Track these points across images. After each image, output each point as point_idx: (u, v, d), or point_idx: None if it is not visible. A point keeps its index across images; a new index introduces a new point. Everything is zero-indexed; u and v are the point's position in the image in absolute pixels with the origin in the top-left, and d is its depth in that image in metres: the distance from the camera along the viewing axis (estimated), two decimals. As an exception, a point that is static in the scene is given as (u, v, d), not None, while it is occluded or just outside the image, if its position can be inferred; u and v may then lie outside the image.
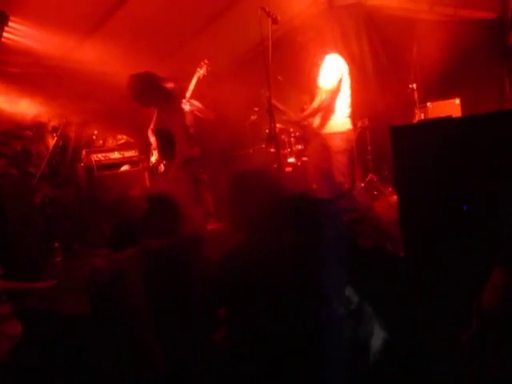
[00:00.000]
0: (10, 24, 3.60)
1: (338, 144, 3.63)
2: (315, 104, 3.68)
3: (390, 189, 4.83)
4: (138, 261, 2.12)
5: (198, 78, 4.52)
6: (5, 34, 3.55)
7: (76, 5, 4.07)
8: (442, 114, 4.03)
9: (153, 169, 4.34)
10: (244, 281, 1.65)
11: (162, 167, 4.25)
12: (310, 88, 3.92)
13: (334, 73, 3.61)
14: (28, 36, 3.98)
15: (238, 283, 1.67)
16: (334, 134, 3.66)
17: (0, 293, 2.67)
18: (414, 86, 4.66)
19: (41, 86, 4.72)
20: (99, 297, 2.18)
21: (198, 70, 4.55)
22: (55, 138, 4.71)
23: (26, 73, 4.72)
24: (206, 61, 4.57)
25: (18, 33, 3.91)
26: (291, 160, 5.17)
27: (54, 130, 4.79)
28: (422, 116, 4.59)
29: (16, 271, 3.13)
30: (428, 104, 4.65)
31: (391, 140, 2.28)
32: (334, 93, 3.62)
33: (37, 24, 3.99)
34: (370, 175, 5.03)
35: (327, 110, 3.66)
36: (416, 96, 4.65)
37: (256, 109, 5.25)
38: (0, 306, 2.68)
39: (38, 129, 4.82)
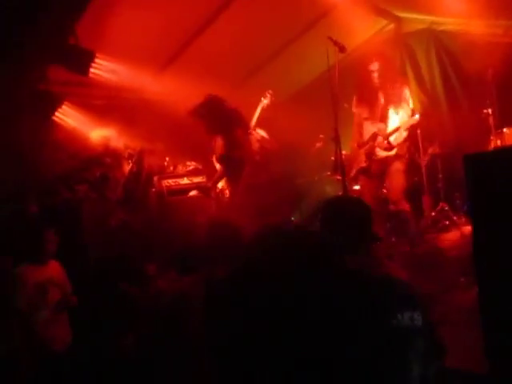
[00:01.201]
0: (96, 60, 3.94)
1: (397, 165, 3.97)
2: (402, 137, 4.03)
3: (463, 219, 4.58)
4: (198, 288, 2.16)
5: (262, 108, 4.70)
6: (91, 70, 3.89)
7: (153, 41, 4.39)
8: (521, 141, 3.83)
9: (219, 195, 4.47)
10: None
11: (227, 193, 4.37)
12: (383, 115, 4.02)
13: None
14: (111, 71, 4.33)
15: None
16: (395, 155, 3.99)
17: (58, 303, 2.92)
18: (490, 111, 4.43)
19: (119, 117, 5.09)
20: (159, 318, 2.25)
21: (263, 99, 4.74)
22: (130, 165, 5.01)
23: (108, 104, 5.12)
24: (270, 91, 4.76)
25: (103, 68, 4.26)
26: (357, 188, 5.09)
27: (130, 157, 5.09)
28: (499, 142, 4.34)
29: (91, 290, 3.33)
30: (505, 130, 4.40)
31: (465, 169, 2.18)
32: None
33: (119, 60, 4.34)
34: (442, 204, 4.80)
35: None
36: (492, 121, 4.42)
37: (321, 136, 5.27)
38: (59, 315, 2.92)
39: (115, 156, 5.16)
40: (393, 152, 4.10)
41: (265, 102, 4.74)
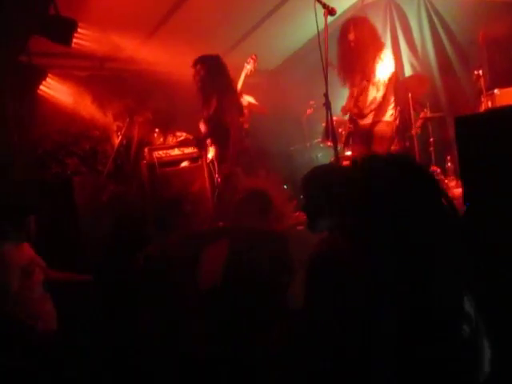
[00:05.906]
0: (79, 30, 3.81)
1: (384, 131, 4.02)
2: (379, 98, 3.98)
3: (455, 182, 4.61)
4: (182, 249, 2.17)
5: (246, 74, 4.56)
6: (75, 40, 3.77)
7: (137, 9, 4.25)
8: (512, 102, 3.81)
9: (209, 165, 4.41)
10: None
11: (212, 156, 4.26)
12: (369, 80, 3.97)
13: (390, 65, 3.96)
14: (94, 40, 4.20)
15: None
16: (382, 121, 4.02)
17: (43, 283, 2.88)
18: (481, 72, 4.39)
19: (106, 88, 4.97)
20: (149, 282, 2.27)
21: (246, 65, 4.59)
22: (120, 137, 4.94)
23: (92, 75, 5.00)
24: (253, 56, 4.60)
25: (85, 38, 4.12)
26: (348, 153, 5.08)
27: (119, 129, 5.02)
28: (490, 104, 4.32)
29: (84, 265, 3.34)
30: (496, 91, 4.37)
31: (456, 131, 2.19)
32: (390, 85, 3.98)
33: (102, 28, 4.20)
34: (433, 167, 4.83)
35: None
36: (483, 83, 4.39)
37: (312, 102, 5.21)
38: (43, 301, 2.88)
39: (104, 129, 5.08)
40: (383, 118, 4.06)
41: (248, 67, 4.58)
